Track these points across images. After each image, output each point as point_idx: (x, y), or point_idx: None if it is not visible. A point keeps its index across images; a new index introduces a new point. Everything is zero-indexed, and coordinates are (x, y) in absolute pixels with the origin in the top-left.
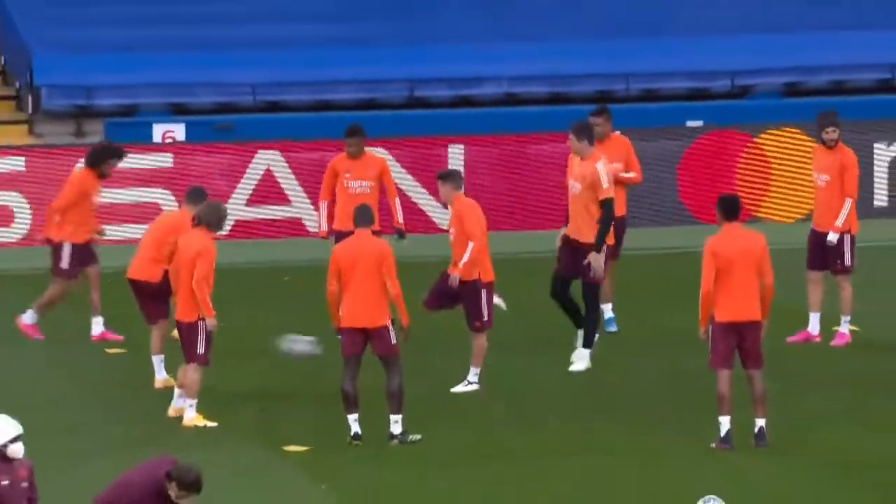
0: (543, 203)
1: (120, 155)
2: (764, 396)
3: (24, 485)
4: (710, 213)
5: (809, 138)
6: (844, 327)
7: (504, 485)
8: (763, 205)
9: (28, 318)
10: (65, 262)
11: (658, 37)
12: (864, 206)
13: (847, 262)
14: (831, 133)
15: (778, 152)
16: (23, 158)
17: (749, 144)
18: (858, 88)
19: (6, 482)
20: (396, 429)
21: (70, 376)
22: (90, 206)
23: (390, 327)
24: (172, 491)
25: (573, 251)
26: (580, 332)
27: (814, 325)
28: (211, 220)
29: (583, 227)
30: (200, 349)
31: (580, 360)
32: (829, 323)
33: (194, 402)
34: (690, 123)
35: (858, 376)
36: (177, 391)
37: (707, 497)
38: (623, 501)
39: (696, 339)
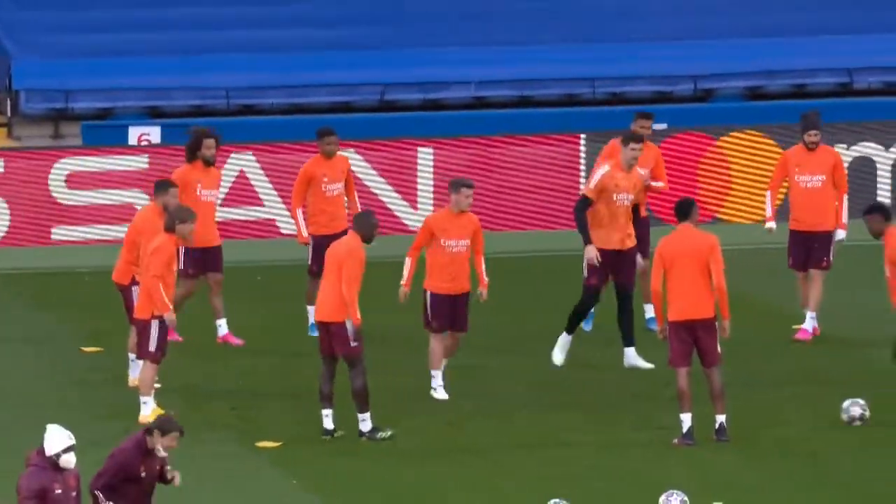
0: (511, 204)
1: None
2: (722, 393)
3: (74, 493)
4: (672, 214)
5: (771, 141)
6: (808, 323)
7: (473, 478)
8: (724, 206)
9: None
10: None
11: (623, 42)
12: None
13: (831, 259)
14: (813, 136)
15: (739, 155)
16: (1, 161)
17: (711, 147)
18: (818, 92)
19: (59, 491)
20: (365, 426)
21: (50, 375)
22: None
23: (347, 326)
24: (157, 442)
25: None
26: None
27: (809, 322)
28: (172, 223)
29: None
30: (152, 346)
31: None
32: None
33: (149, 398)
34: (654, 126)
35: (818, 371)
36: (142, 398)
37: (670, 491)
38: (589, 494)
39: (658, 335)
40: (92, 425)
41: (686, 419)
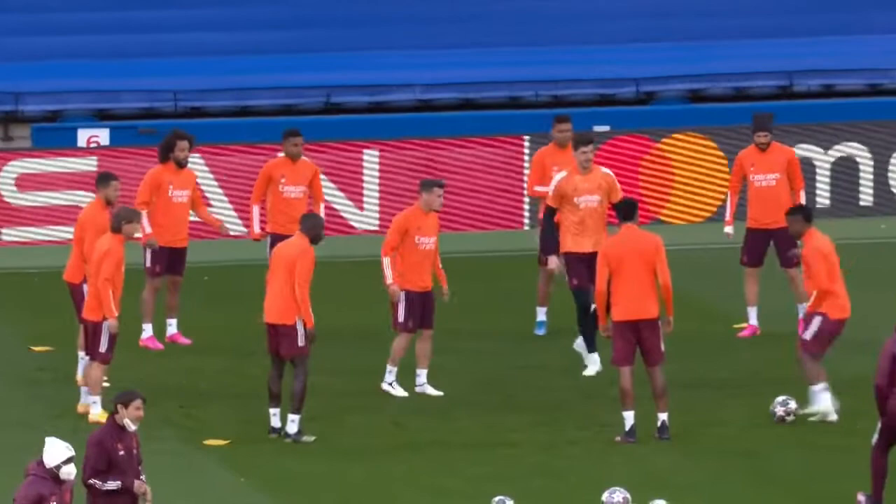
0: (455, 205)
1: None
2: (665, 391)
3: None
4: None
5: (712, 143)
6: (753, 318)
7: (419, 476)
8: (666, 207)
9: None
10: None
11: (566, 45)
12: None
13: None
14: (763, 137)
15: (681, 156)
16: None
17: (653, 149)
18: (758, 95)
19: (54, 503)
20: (292, 428)
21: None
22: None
23: (297, 328)
24: (124, 414)
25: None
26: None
27: (754, 318)
28: (119, 224)
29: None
30: (103, 348)
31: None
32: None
33: (98, 399)
34: (597, 128)
35: (758, 370)
36: (83, 389)
37: (613, 488)
38: (532, 491)
39: (602, 334)
40: (42, 424)
41: (629, 417)
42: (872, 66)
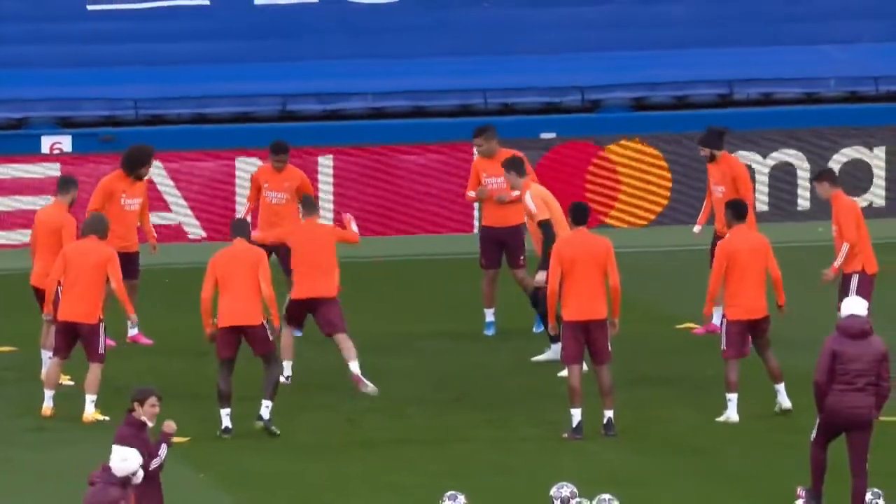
0: (407, 209)
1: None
2: (611, 389)
3: None
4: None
5: (654, 150)
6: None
7: (372, 473)
8: (611, 211)
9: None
10: None
11: (514, 55)
12: None
13: None
14: (702, 152)
15: (625, 162)
16: None
17: (598, 155)
18: (700, 103)
19: None
20: (266, 413)
21: None
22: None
23: (265, 327)
24: (142, 411)
25: None
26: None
27: (718, 318)
28: (98, 229)
29: None
30: (101, 349)
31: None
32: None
33: (95, 397)
34: (544, 135)
35: (703, 369)
36: (47, 392)
37: (560, 483)
38: (483, 487)
39: (549, 332)
40: (5, 423)
41: (576, 414)
42: (809, 75)
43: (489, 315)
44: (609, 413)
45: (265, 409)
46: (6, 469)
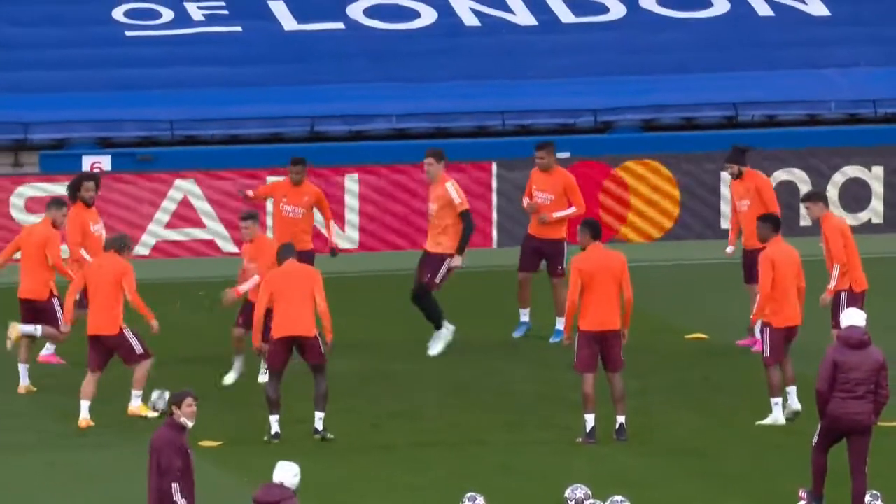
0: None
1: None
2: (623, 396)
3: None
4: (575, 235)
5: (664, 168)
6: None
7: (393, 475)
8: (623, 227)
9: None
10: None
11: (530, 79)
12: (712, 227)
13: None
14: (730, 170)
15: (636, 180)
16: None
17: (610, 173)
18: (706, 124)
19: None
20: (320, 425)
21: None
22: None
23: (319, 339)
24: (180, 416)
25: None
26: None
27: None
28: (117, 245)
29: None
30: (138, 350)
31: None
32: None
33: (140, 392)
34: (559, 155)
35: (707, 378)
36: (83, 403)
37: (575, 485)
38: (496, 487)
39: (564, 342)
40: (48, 427)
41: (590, 420)
42: (810, 98)
43: (523, 315)
44: (621, 419)
45: (318, 420)
46: (50, 472)
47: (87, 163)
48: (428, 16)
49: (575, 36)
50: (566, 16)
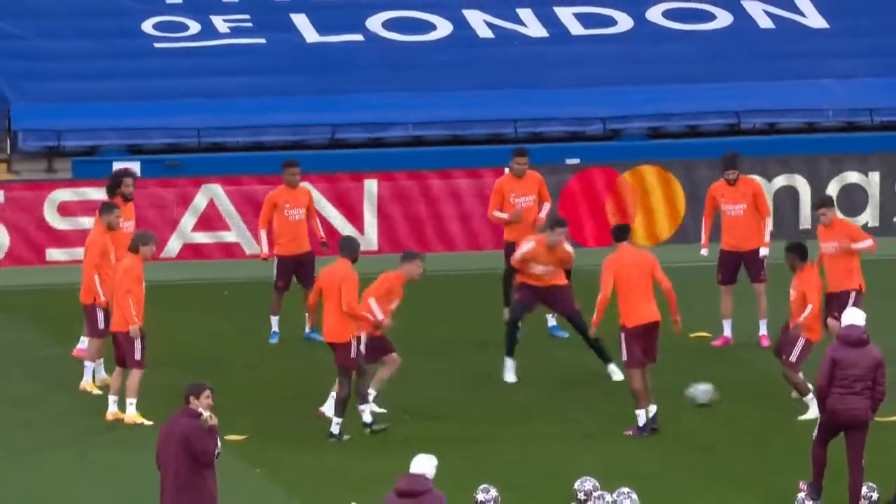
0: (445, 229)
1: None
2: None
3: None
4: (584, 237)
5: (670, 174)
6: (763, 329)
7: (406, 466)
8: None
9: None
10: None
11: (541, 88)
12: (715, 230)
13: (766, 273)
14: (731, 175)
15: (642, 186)
16: (2, 192)
17: (618, 179)
18: (710, 132)
19: None
20: (335, 429)
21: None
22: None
23: (351, 343)
24: (198, 405)
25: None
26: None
27: (728, 330)
28: (132, 244)
29: None
30: (137, 355)
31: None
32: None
33: (135, 401)
34: (569, 161)
35: (710, 375)
36: (111, 398)
37: (584, 478)
38: (508, 480)
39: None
40: (81, 422)
41: (641, 415)
42: (810, 107)
43: (551, 320)
44: (654, 408)
45: (334, 425)
46: (81, 465)
47: (118, 168)
48: (444, 28)
49: (584, 47)
50: (576, 28)
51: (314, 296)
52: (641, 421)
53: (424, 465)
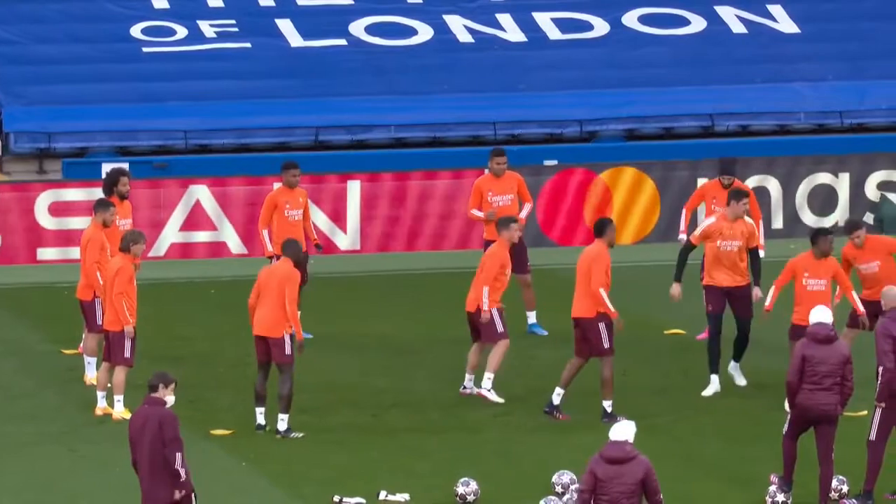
0: (425, 229)
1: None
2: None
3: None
4: (562, 237)
5: (645, 175)
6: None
7: (393, 460)
8: None
9: None
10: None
11: (520, 92)
12: (690, 230)
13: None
14: (726, 180)
15: (619, 187)
16: None
17: (595, 180)
18: (685, 134)
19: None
20: (282, 426)
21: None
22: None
23: (286, 339)
24: (167, 394)
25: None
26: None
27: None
28: (122, 244)
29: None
30: (126, 353)
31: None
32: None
33: (122, 397)
34: (547, 162)
35: (684, 370)
36: (99, 393)
37: (561, 471)
38: (490, 472)
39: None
40: (72, 416)
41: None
42: (781, 110)
43: (531, 317)
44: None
45: (281, 422)
46: (71, 458)
47: (107, 169)
48: (425, 33)
49: (562, 52)
50: (553, 33)
51: (254, 297)
52: (608, 409)
53: (627, 431)
